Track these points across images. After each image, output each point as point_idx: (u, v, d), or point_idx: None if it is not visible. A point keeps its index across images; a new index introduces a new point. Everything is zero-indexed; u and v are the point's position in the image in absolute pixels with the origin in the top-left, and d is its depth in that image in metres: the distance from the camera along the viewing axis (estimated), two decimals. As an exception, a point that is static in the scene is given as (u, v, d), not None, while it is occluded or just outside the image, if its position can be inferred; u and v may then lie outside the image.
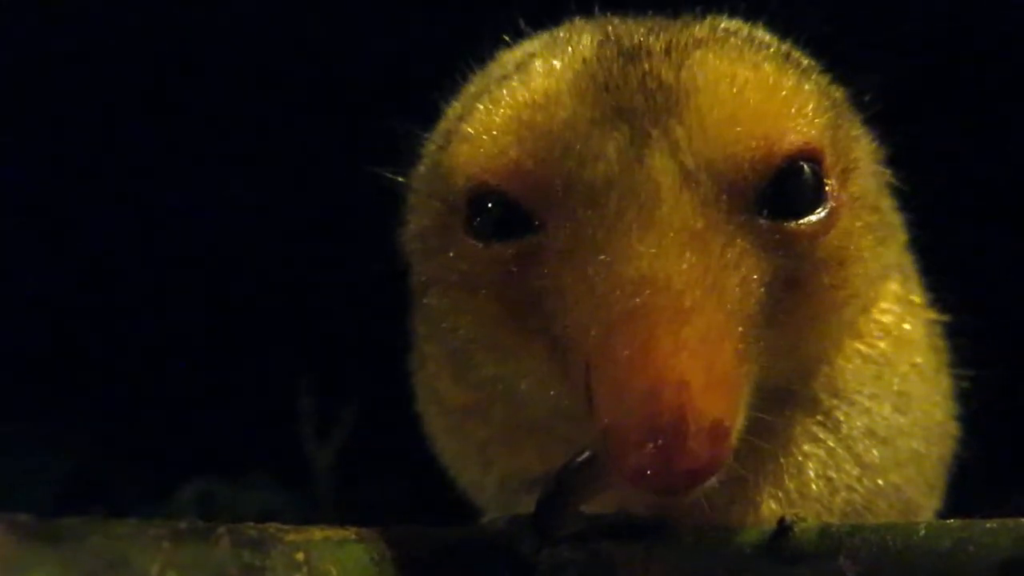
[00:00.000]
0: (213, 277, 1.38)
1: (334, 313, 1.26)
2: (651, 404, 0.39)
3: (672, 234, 0.42)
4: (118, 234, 1.42)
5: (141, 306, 1.42)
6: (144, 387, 1.38)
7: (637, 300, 0.41)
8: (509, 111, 0.47)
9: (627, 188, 0.44)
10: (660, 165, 0.44)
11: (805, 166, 0.46)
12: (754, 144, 0.44)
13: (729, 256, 0.43)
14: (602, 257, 0.43)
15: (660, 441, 0.38)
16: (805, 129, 0.46)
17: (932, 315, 0.62)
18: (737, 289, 0.43)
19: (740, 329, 0.43)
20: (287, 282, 1.35)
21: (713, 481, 0.40)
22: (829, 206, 0.47)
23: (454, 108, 0.56)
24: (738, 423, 0.41)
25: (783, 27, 0.56)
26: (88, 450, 1.42)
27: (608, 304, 0.42)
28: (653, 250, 0.42)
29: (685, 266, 0.42)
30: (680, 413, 0.38)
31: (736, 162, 0.44)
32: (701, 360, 0.40)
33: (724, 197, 0.44)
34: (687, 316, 0.41)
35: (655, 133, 0.44)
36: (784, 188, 0.46)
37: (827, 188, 0.47)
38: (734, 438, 0.41)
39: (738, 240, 0.44)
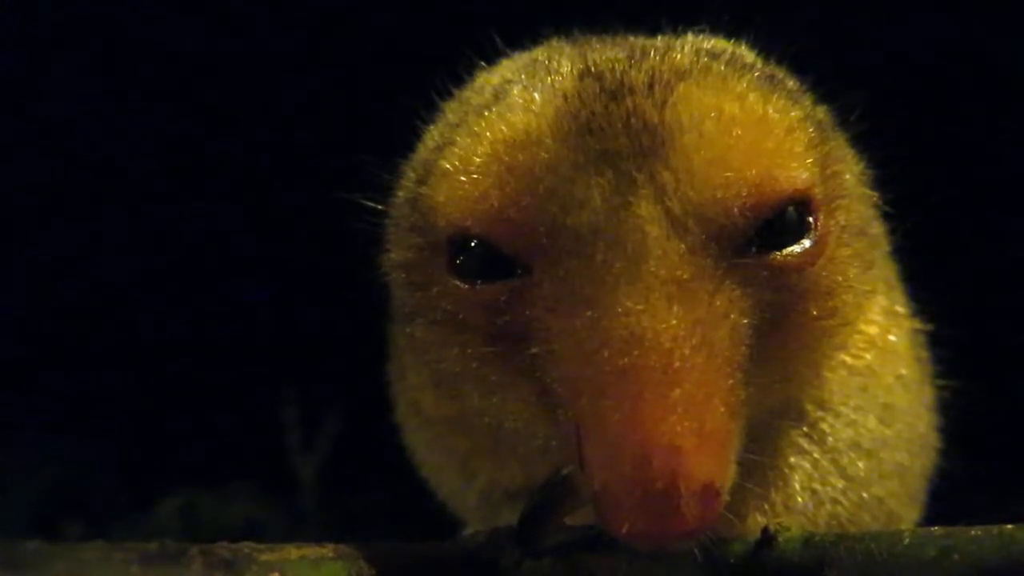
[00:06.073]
0: (195, 287, 1.37)
1: (317, 322, 1.26)
2: (642, 470, 0.39)
3: (660, 287, 0.41)
4: (99, 246, 1.41)
5: (122, 317, 1.41)
6: (126, 397, 1.37)
7: (626, 360, 0.40)
8: (488, 149, 0.45)
9: (613, 237, 0.42)
10: (646, 213, 0.42)
11: (792, 207, 0.45)
12: (744, 190, 0.43)
13: (718, 305, 0.42)
14: (590, 313, 0.42)
15: (652, 506, 0.38)
16: (795, 171, 0.45)
17: (916, 325, 0.61)
18: (726, 340, 0.42)
19: (730, 382, 0.42)
20: (270, 291, 1.34)
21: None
22: (815, 236, 0.46)
23: (431, 135, 0.54)
24: (729, 480, 0.41)
25: (766, 43, 0.55)
26: (69, 461, 1.40)
27: (597, 363, 0.41)
28: (641, 306, 0.41)
29: (673, 321, 0.41)
30: (671, 479, 0.38)
31: (724, 207, 0.43)
32: (691, 422, 0.39)
33: (711, 243, 0.43)
34: (676, 376, 0.40)
35: (640, 178, 0.43)
36: (771, 226, 0.45)
37: (812, 218, 0.46)
38: (725, 495, 0.41)
39: (726, 285, 0.43)
